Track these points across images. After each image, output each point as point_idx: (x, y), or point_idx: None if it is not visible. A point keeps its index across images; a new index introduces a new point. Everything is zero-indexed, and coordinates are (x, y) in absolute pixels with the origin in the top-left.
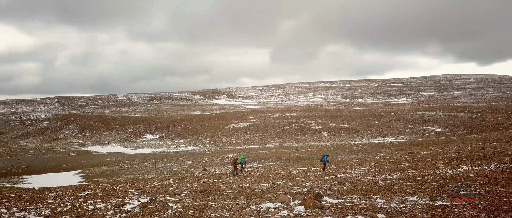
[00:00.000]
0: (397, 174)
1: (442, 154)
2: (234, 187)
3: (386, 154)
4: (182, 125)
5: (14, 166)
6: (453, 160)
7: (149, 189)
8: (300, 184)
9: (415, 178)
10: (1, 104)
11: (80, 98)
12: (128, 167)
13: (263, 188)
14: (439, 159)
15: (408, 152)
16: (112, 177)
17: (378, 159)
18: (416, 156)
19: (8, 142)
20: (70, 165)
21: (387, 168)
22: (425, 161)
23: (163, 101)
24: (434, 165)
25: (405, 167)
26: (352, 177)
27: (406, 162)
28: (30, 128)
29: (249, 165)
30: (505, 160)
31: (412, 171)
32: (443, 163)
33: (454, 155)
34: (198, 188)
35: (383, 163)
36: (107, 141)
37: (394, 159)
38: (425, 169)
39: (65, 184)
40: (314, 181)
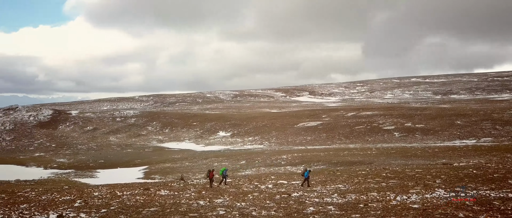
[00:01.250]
0: (360, 197)
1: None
2: (169, 203)
3: (428, 162)
4: (254, 123)
5: (94, 160)
6: (470, 178)
7: (91, 201)
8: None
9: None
10: (105, 102)
11: (171, 95)
12: (188, 164)
13: (198, 206)
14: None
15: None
16: (167, 175)
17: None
18: (431, 171)
19: (99, 137)
20: (140, 161)
21: (370, 186)
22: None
23: (246, 98)
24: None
25: (381, 187)
26: (304, 199)
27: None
28: (119, 125)
29: (276, 168)
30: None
31: (375, 194)
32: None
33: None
34: (131, 203)
35: (378, 178)
36: (183, 138)
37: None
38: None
39: (125, 180)
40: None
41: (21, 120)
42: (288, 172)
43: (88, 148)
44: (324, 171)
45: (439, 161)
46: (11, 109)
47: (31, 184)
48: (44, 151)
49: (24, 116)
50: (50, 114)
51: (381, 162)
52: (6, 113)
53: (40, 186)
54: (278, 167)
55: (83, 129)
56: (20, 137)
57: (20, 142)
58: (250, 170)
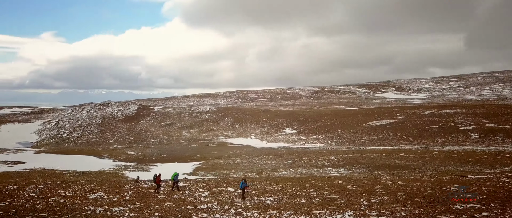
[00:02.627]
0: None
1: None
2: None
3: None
4: (322, 121)
5: (158, 154)
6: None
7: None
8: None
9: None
10: (193, 98)
11: (253, 92)
12: (239, 161)
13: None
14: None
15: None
16: (212, 171)
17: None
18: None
19: (173, 131)
20: (199, 156)
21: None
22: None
23: (326, 95)
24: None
25: (321, 203)
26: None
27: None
28: (194, 120)
29: (315, 169)
30: None
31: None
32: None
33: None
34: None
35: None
36: (250, 133)
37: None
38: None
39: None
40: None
41: (111, 114)
42: (314, 175)
43: (159, 142)
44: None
45: (499, 169)
46: (105, 104)
47: (82, 175)
48: (121, 143)
49: (113, 111)
50: (135, 109)
51: (426, 167)
52: (100, 108)
53: (85, 178)
54: (319, 168)
55: (161, 124)
56: (105, 130)
57: (104, 134)
58: (287, 170)
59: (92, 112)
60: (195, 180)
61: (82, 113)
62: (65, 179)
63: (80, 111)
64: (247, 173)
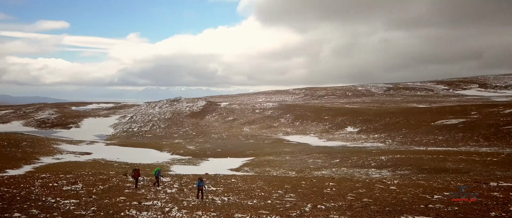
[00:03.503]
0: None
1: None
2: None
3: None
4: (387, 119)
5: (213, 149)
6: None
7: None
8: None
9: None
10: (262, 95)
11: (322, 89)
12: (287, 158)
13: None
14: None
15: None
16: (256, 167)
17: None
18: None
19: (235, 127)
20: (251, 152)
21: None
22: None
23: (400, 92)
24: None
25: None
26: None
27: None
28: (256, 116)
29: (358, 169)
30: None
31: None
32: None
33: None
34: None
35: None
36: (310, 131)
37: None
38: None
39: (215, 170)
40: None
41: (179, 110)
42: (342, 176)
43: (219, 137)
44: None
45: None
46: (175, 100)
47: (128, 167)
48: (183, 138)
49: (182, 107)
50: (202, 105)
51: (478, 172)
52: (171, 104)
53: None
54: (363, 168)
55: (224, 119)
56: (172, 125)
57: (170, 129)
58: (328, 170)
59: (163, 108)
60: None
61: (154, 109)
62: (99, 170)
63: (153, 106)
64: (288, 171)
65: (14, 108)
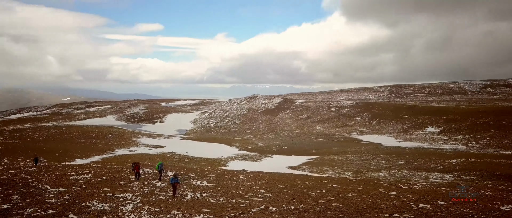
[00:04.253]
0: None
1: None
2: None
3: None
4: (475, 119)
5: (280, 146)
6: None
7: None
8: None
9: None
10: (343, 92)
11: (410, 86)
12: (352, 158)
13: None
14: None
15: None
16: (315, 167)
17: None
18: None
19: (307, 125)
20: (317, 151)
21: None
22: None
23: (499, 89)
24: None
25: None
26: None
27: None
28: (331, 114)
29: (419, 173)
30: None
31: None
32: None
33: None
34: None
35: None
36: (386, 130)
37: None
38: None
39: (272, 169)
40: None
41: (255, 107)
42: (408, 181)
43: (289, 134)
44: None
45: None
46: (253, 97)
47: (187, 160)
48: (254, 134)
49: (258, 104)
50: (278, 102)
51: None
52: (248, 101)
53: (188, 164)
54: (425, 172)
55: (298, 117)
56: (246, 121)
57: (244, 125)
58: (386, 172)
59: (241, 104)
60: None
61: (232, 105)
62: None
63: (232, 103)
64: (344, 171)
65: (113, 103)
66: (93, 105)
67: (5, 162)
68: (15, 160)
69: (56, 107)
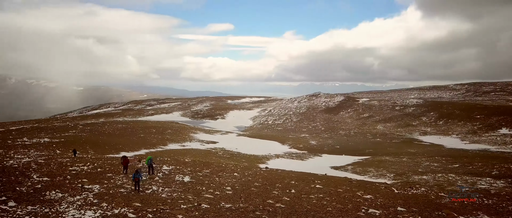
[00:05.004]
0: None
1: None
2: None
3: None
4: None
5: (332, 146)
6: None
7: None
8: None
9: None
10: (415, 90)
11: (490, 84)
12: (404, 160)
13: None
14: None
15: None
16: (360, 167)
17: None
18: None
19: (368, 124)
20: (370, 151)
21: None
22: None
23: None
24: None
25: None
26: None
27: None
28: (395, 113)
29: (464, 177)
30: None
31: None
32: None
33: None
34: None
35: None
36: (452, 131)
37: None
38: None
39: (314, 169)
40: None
41: (315, 105)
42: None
43: (346, 134)
44: None
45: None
46: (314, 95)
47: (228, 156)
48: (310, 133)
49: (319, 102)
50: (340, 101)
51: None
52: (309, 99)
53: (228, 160)
54: (476, 177)
55: (359, 116)
56: (303, 119)
57: (301, 123)
58: (429, 175)
59: (301, 102)
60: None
61: (293, 103)
62: (197, 158)
63: (293, 101)
64: (386, 174)
65: (182, 100)
66: (164, 101)
67: (57, 153)
68: (66, 151)
69: (132, 104)
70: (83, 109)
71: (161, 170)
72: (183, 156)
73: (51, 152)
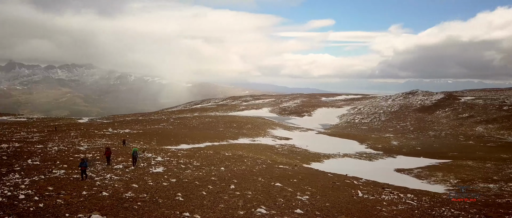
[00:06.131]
0: None
1: None
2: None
3: None
4: None
5: (413, 147)
6: None
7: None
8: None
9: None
10: None
11: None
12: (487, 166)
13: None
14: None
15: None
16: (427, 171)
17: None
18: None
19: (465, 125)
20: (454, 154)
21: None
22: None
23: None
24: None
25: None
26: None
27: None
28: (501, 114)
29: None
30: None
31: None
32: None
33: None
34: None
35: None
36: None
37: None
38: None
39: (373, 171)
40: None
41: (410, 103)
42: None
43: (435, 135)
44: None
45: None
46: (411, 93)
47: (286, 153)
48: (395, 133)
49: (414, 100)
50: (437, 99)
51: None
52: (405, 97)
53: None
54: None
55: (457, 116)
56: (393, 118)
57: (389, 123)
58: (499, 184)
59: (395, 101)
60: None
61: (386, 101)
62: (256, 155)
63: (386, 99)
64: (452, 179)
65: (276, 97)
66: (260, 98)
67: (111, 143)
68: (138, 142)
69: (229, 99)
70: (187, 104)
71: (150, 161)
72: (235, 149)
73: (114, 142)
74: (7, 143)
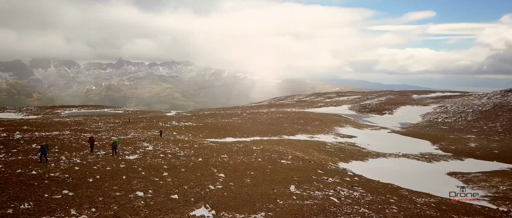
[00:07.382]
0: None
1: None
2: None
3: None
4: None
5: (490, 149)
6: None
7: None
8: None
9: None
10: None
11: None
12: None
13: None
14: None
15: None
16: (484, 176)
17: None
18: None
19: None
20: None
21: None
22: None
23: None
24: None
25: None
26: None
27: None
28: None
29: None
30: None
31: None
32: None
33: None
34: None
35: None
36: None
37: None
38: None
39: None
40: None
41: (507, 103)
42: None
43: None
44: None
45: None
46: (511, 91)
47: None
48: (479, 134)
49: None
50: None
51: None
52: (504, 95)
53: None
54: None
55: None
56: (481, 118)
57: (475, 123)
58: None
59: (490, 99)
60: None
61: (479, 100)
62: (293, 151)
63: (480, 97)
64: (500, 185)
65: (362, 94)
66: (345, 94)
67: (154, 134)
68: (186, 134)
69: (313, 96)
70: (272, 99)
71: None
72: (277, 145)
73: (161, 131)
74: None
